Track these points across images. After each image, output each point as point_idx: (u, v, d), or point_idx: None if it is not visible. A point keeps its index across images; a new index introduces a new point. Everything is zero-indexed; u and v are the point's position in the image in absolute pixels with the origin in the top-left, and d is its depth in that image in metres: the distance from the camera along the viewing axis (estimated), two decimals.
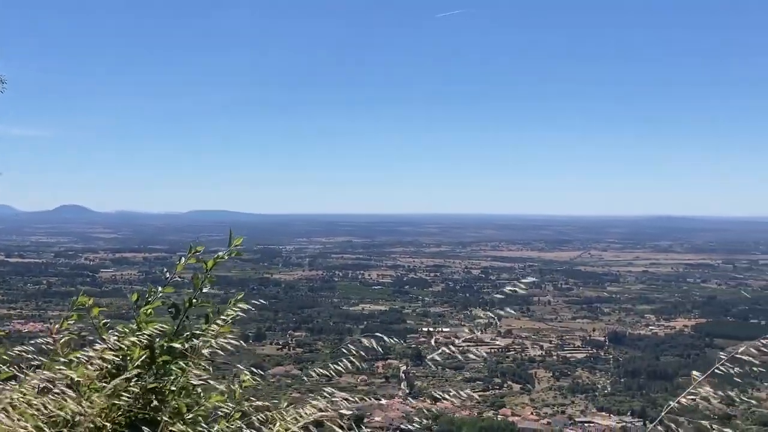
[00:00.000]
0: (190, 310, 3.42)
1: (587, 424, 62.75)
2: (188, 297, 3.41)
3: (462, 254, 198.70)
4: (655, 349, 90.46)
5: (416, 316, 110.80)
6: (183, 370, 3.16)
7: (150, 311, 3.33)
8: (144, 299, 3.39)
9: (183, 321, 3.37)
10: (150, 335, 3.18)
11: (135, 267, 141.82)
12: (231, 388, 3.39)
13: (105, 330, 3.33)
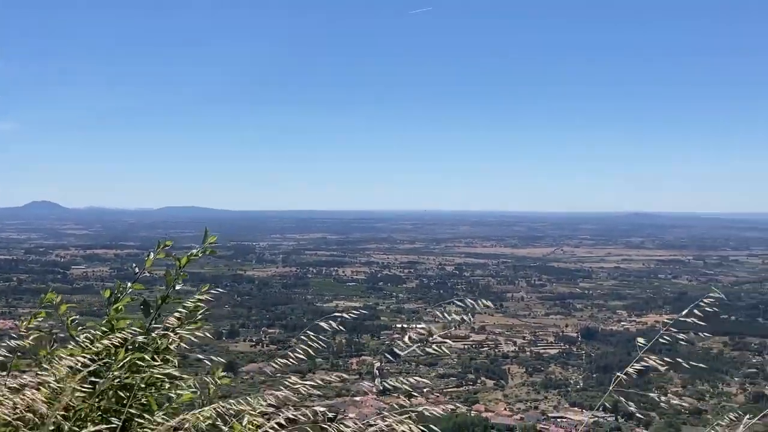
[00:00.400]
0: (164, 308, 3.39)
1: (560, 420, 63.26)
2: (161, 294, 3.38)
3: (436, 251, 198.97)
4: (626, 344, 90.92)
5: (390, 312, 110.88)
6: (153, 367, 3.13)
7: (120, 308, 3.29)
8: (114, 296, 3.36)
9: (155, 318, 3.34)
10: (124, 335, 3.15)
11: (106, 264, 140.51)
12: (203, 384, 3.36)
13: (74, 328, 3.29)
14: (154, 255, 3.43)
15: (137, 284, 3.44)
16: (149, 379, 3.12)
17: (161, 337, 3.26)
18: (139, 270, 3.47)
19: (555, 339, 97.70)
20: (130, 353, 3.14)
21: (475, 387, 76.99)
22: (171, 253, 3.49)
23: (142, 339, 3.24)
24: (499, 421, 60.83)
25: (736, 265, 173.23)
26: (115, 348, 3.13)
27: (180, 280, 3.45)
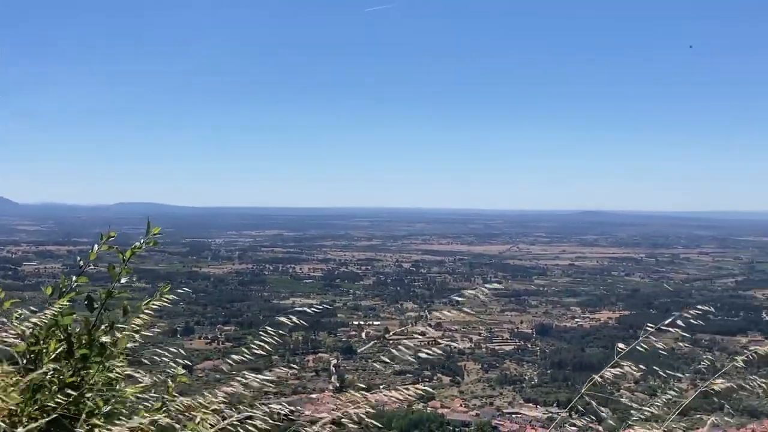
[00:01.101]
0: (110, 303, 3.30)
1: (514, 415, 63.79)
2: (106, 288, 3.30)
3: (393, 248, 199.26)
4: (580, 340, 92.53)
5: (347, 309, 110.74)
6: (102, 364, 3.05)
7: (65, 304, 3.20)
8: (58, 291, 3.27)
9: (101, 313, 3.26)
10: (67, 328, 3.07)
11: (59, 260, 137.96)
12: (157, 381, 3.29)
13: (17, 321, 3.20)
14: (98, 248, 3.35)
15: (83, 278, 3.36)
16: (97, 377, 3.04)
17: (105, 334, 3.18)
18: (84, 264, 3.39)
19: (510, 335, 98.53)
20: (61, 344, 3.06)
21: (431, 383, 77.17)
22: (114, 246, 3.40)
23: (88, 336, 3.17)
24: (454, 417, 61.15)
25: (687, 263, 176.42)
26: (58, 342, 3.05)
27: (125, 274, 3.37)
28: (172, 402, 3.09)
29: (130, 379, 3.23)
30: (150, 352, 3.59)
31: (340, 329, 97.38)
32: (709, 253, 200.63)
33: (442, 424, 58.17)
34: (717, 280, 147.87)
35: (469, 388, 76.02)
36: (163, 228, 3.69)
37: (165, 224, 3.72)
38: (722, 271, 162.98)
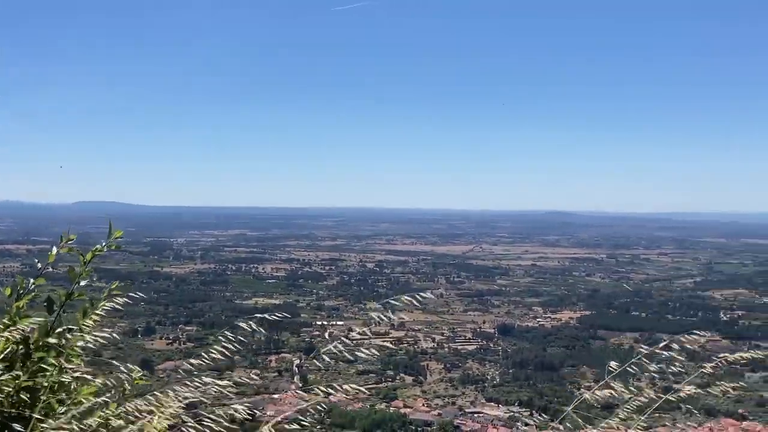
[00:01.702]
0: (69, 305, 3.25)
1: (476, 415, 64.11)
2: (65, 291, 3.25)
3: (357, 248, 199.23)
4: (542, 340, 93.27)
5: (310, 309, 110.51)
6: (57, 366, 3.01)
7: (22, 305, 3.15)
8: (16, 292, 3.21)
9: (59, 315, 3.20)
10: (23, 330, 3.01)
11: (18, 260, 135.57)
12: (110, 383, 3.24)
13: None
14: (57, 249, 3.30)
15: (40, 279, 3.30)
16: (52, 378, 3.00)
17: (61, 336, 3.13)
18: (42, 265, 3.34)
19: (473, 335, 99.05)
20: (34, 352, 3.01)
21: (394, 383, 77.38)
22: (74, 247, 3.35)
23: (53, 340, 3.12)
24: (417, 416, 61.28)
25: (647, 264, 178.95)
26: (13, 344, 3.00)
27: (85, 276, 3.33)
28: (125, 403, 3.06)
29: (84, 380, 3.19)
30: (111, 353, 3.54)
31: (304, 329, 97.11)
32: (668, 254, 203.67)
33: (405, 424, 58.31)
34: (676, 281, 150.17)
35: (431, 387, 76.25)
36: (124, 227, 3.65)
37: (126, 223, 3.68)
38: (681, 272, 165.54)
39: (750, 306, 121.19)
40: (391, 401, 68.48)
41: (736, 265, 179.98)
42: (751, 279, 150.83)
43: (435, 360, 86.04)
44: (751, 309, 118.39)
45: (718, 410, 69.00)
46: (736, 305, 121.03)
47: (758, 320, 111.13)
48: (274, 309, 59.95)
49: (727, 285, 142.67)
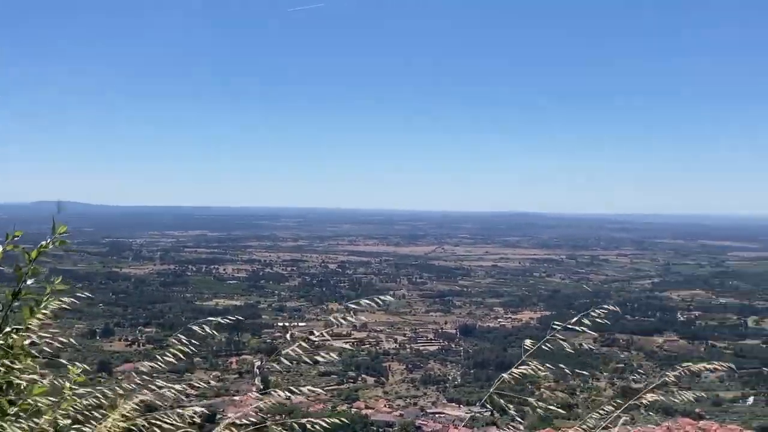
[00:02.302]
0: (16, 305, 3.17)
1: (438, 415, 64.33)
2: (11, 289, 3.17)
3: (319, 248, 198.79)
4: (503, 340, 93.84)
5: (272, 311, 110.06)
6: (6, 366, 2.93)
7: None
8: None
9: (6, 315, 3.13)
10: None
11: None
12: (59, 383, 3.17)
13: None
14: (2, 248, 3.22)
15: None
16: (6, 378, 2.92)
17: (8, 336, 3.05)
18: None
19: (434, 336, 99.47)
20: None
21: (356, 384, 77.38)
22: (19, 245, 3.27)
23: None
24: (379, 418, 61.32)
25: (606, 264, 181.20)
26: None
27: (33, 275, 3.25)
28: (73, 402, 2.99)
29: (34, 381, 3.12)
30: (69, 354, 3.47)
31: (265, 330, 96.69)
32: (627, 255, 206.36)
33: (366, 425, 58.27)
34: (634, 282, 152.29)
35: (393, 388, 76.35)
36: (83, 227, 3.57)
37: (85, 223, 3.60)
38: (639, 273, 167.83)
39: (706, 306, 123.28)
40: (352, 402, 68.43)
41: (693, 266, 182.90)
42: (707, 280, 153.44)
43: (397, 361, 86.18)
44: (707, 309, 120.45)
45: (675, 410, 70.02)
46: (693, 306, 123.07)
47: (714, 320, 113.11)
48: (235, 310, 60.39)
49: (684, 286, 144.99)
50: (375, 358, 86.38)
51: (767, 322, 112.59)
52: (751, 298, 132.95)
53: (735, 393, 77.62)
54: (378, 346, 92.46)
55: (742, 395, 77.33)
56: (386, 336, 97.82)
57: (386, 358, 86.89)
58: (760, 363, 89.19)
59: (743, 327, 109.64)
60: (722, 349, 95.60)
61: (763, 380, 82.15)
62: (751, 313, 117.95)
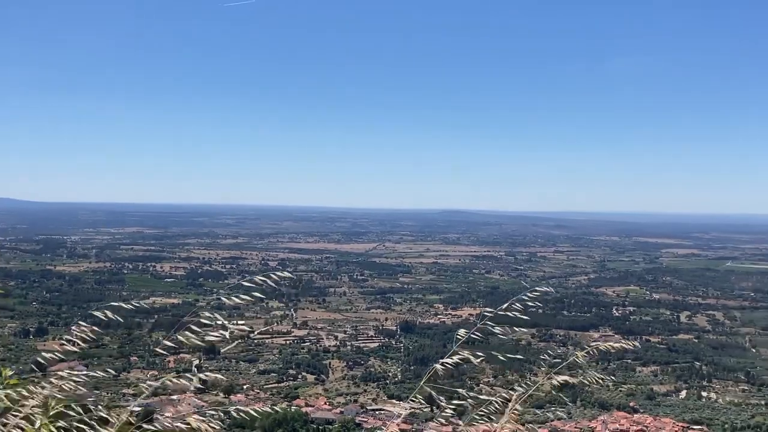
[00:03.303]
0: None
1: (378, 412, 64.46)
2: None
3: (259, 246, 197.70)
4: (442, 337, 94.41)
5: (210, 309, 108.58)
6: None
7: None
8: None
9: None
10: None
11: None
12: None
13: None
14: None
15: None
16: None
17: None
18: None
19: (375, 333, 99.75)
20: None
21: (296, 382, 77.14)
22: None
23: None
24: (319, 415, 61.13)
25: (544, 261, 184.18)
26: None
27: None
28: None
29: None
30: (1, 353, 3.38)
31: (203, 329, 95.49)
32: (564, 252, 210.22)
33: (306, 423, 58.06)
34: (571, 278, 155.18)
35: (333, 385, 76.32)
36: (15, 224, 3.48)
37: (16, 220, 3.51)
38: (576, 269, 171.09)
39: (641, 302, 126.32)
40: (292, 400, 68.14)
41: (628, 263, 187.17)
42: (641, 276, 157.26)
43: (337, 358, 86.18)
44: (641, 305, 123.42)
45: (610, 404, 71.60)
46: (628, 301, 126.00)
47: (648, 316, 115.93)
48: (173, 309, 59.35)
49: (619, 282, 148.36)
50: (315, 356, 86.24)
51: (699, 317, 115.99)
52: (684, 294, 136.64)
53: (668, 387, 79.64)
54: (318, 343, 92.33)
55: (675, 389, 79.38)
56: (327, 333, 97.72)
57: (326, 356, 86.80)
58: (692, 357, 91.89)
59: (676, 322, 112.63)
60: (656, 344, 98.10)
61: (695, 374, 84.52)
62: (683, 309, 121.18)
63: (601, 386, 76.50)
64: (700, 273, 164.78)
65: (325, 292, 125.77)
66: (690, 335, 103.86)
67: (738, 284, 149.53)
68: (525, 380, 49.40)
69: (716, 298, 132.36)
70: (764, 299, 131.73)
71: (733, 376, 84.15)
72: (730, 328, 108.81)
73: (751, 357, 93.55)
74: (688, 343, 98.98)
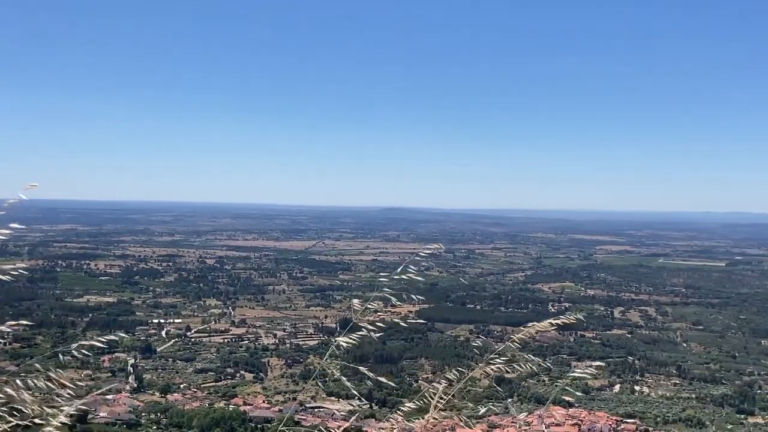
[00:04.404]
0: None
1: (317, 409, 64.39)
2: None
3: (197, 243, 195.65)
4: (382, 334, 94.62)
5: (146, 307, 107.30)
6: None
7: None
8: None
9: None
10: None
11: None
12: None
13: None
14: None
15: None
16: None
17: None
18: None
19: (315, 330, 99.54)
20: None
21: (234, 381, 76.48)
22: None
23: None
24: (257, 414, 60.79)
25: (482, 258, 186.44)
26: None
27: None
28: None
29: None
30: None
31: (139, 328, 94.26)
32: (501, 249, 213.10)
33: (245, 422, 57.65)
34: (508, 274, 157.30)
35: (272, 383, 75.88)
36: None
37: None
38: (513, 266, 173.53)
39: (576, 298, 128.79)
40: (230, 399, 67.58)
41: (563, 260, 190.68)
42: (576, 272, 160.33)
43: (276, 356, 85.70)
44: (576, 301, 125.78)
45: (546, 398, 72.71)
46: (563, 297, 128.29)
47: (583, 311, 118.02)
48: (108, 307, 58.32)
49: (555, 278, 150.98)
50: (254, 354, 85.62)
51: (632, 313, 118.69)
52: (618, 290, 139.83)
53: (602, 381, 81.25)
54: (257, 341, 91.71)
55: (609, 383, 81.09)
56: (266, 331, 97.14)
57: (265, 354, 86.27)
58: (625, 352, 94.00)
59: (610, 318, 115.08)
60: (590, 339, 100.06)
61: (629, 369, 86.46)
62: (617, 305, 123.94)
63: (537, 381, 77.83)
64: (633, 269, 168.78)
65: (263, 290, 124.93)
66: (623, 330, 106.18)
67: (669, 280, 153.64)
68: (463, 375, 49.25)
69: (649, 294, 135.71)
70: (695, 295, 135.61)
71: (664, 370, 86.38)
72: (662, 324, 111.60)
73: (682, 351, 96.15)
74: (622, 338, 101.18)
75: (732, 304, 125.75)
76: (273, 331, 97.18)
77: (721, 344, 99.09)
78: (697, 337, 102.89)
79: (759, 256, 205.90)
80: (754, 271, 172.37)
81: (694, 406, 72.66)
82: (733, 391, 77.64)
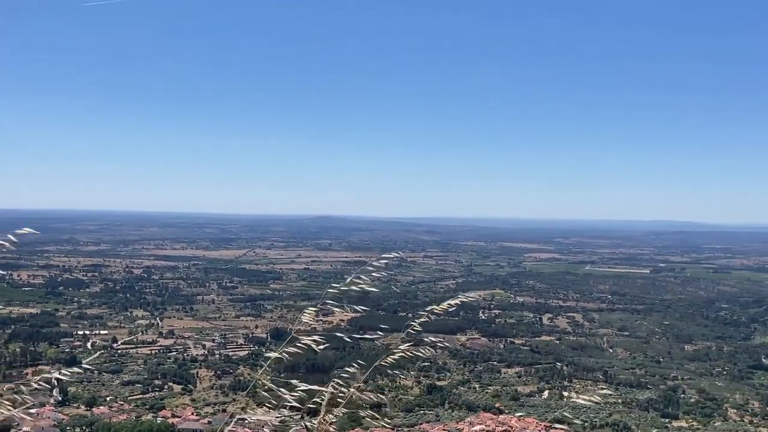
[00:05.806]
0: None
1: (247, 421, 63.53)
2: None
3: (123, 253, 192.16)
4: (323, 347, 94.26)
5: (71, 318, 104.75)
6: None
7: None
8: None
9: None
10: None
11: None
12: None
13: None
14: None
15: None
16: None
17: None
18: None
19: (245, 340, 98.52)
20: None
21: (162, 393, 75.12)
22: None
23: None
24: (186, 426, 59.75)
25: (414, 266, 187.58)
26: None
27: None
28: None
29: None
30: None
31: (63, 339, 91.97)
32: (433, 257, 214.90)
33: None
34: (440, 282, 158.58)
35: (201, 395, 74.82)
36: None
37: None
38: (444, 274, 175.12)
39: (505, 305, 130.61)
40: (158, 411, 66.31)
41: (494, 267, 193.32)
42: (506, 280, 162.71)
43: (205, 367, 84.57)
44: (506, 308, 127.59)
45: (477, 405, 73.48)
46: (494, 305, 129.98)
47: (513, 318, 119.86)
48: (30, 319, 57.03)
49: (485, 285, 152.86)
50: (182, 366, 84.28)
51: (561, 319, 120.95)
52: (546, 297, 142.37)
53: (531, 387, 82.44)
54: (186, 352, 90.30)
55: (538, 389, 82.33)
56: (194, 342, 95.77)
57: (194, 365, 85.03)
58: (554, 358, 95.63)
59: (539, 324, 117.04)
60: (520, 346, 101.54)
61: (557, 375, 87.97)
62: (545, 311, 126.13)
63: (468, 388, 78.57)
64: (561, 276, 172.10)
65: (192, 300, 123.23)
66: (552, 337, 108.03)
67: (596, 287, 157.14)
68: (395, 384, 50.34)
69: (576, 301, 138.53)
70: (620, 301, 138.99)
71: (592, 375, 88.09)
72: (589, 330, 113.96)
73: (608, 357, 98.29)
74: (550, 345, 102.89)
75: (656, 310, 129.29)
76: (202, 342, 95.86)
77: (646, 349, 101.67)
78: (623, 343, 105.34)
79: (682, 264, 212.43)
80: (677, 278, 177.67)
81: (620, 410, 74.23)
82: (657, 395, 79.69)
